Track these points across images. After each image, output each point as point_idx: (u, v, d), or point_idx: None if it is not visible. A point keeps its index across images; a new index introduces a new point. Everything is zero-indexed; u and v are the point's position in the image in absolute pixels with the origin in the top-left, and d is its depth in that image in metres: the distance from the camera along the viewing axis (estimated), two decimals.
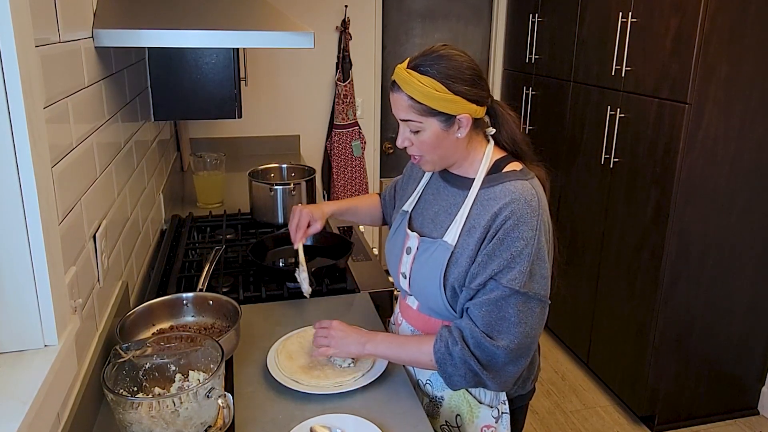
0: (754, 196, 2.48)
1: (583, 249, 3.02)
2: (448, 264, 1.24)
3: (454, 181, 1.32)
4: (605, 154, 2.78)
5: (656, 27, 2.44)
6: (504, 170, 1.25)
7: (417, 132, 1.22)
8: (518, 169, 1.25)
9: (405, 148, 1.28)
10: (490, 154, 1.28)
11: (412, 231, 1.35)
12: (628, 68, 2.61)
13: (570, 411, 2.85)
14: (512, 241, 1.16)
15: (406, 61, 1.21)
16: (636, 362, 2.68)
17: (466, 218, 1.24)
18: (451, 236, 1.25)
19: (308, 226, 1.55)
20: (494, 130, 1.30)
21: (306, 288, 1.56)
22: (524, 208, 1.17)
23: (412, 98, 1.18)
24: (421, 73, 1.17)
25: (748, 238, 2.53)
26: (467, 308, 1.22)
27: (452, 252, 1.24)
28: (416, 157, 1.28)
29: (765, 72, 2.32)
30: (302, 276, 1.56)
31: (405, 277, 1.36)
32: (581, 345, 3.13)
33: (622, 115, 2.66)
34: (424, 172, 1.44)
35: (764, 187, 2.48)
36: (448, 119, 1.19)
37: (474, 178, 1.27)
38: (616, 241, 2.76)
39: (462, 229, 1.24)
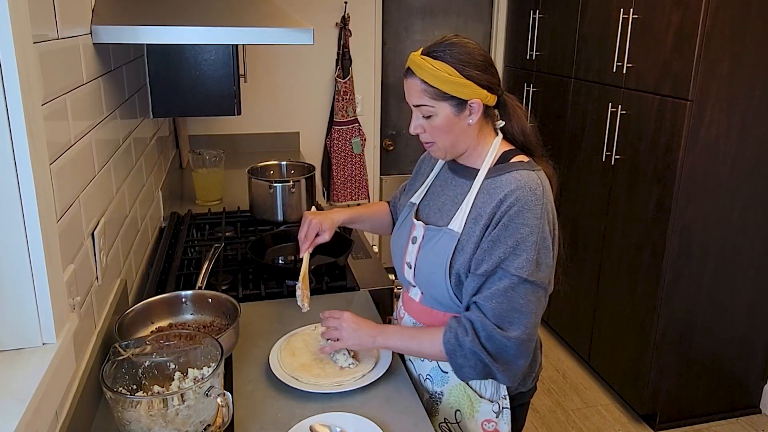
0: (756, 194, 2.47)
1: (584, 247, 3.02)
2: (454, 251, 1.25)
3: (461, 171, 1.34)
4: (606, 151, 2.77)
5: (657, 23, 2.43)
6: (511, 161, 1.28)
7: (429, 117, 1.24)
8: (525, 161, 1.28)
9: (417, 135, 1.30)
10: (497, 145, 1.30)
11: (419, 221, 1.37)
12: (630, 65, 2.60)
13: (571, 409, 2.85)
14: (516, 228, 1.18)
15: (420, 50, 1.24)
16: (637, 360, 2.68)
17: (472, 206, 1.26)
18: (457, 224, 1.26)
19: (316, 235, 1.52)
20: (503, 123, 1.32)
21: (302, 305, 1.45)
22: (528, 195, 1.19)
23: (425, 82, 1.21)
24: (434, 58, 1.20)
25: (750, 236, 2.52)
26: (475, 302, 1.22)
27: (458, 239, 1.25)
28: (428, 143, 1.30)
29: (767, 68, 2.31)
30: (300, 292, 1.46)
31: (410, 267, 1.36)
32: (582, 343, 3.13)
33: (624, 112, 2.65)
34: (433, 167, 1.46)
35: (766, 185, 2.47)
36: (460, 104, 1.22)
37: (480, 169, 1.29)
38: (618, 239, 2.76)
39: (468, 217, 1.25)
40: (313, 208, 1.54)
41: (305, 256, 1.50)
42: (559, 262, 1.28)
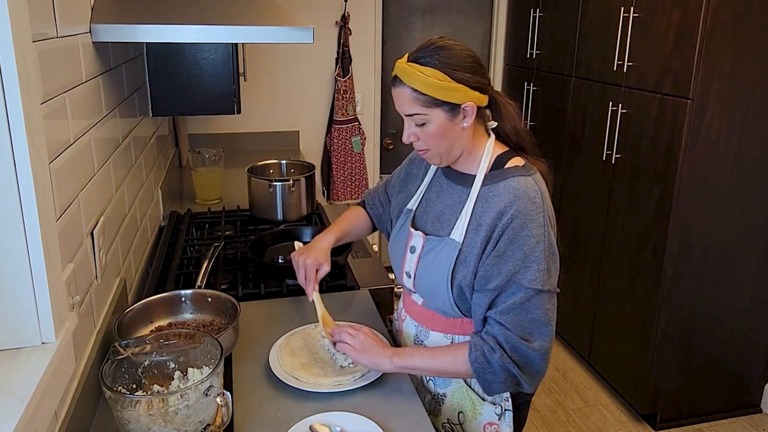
0: (757, 192, 2.47)
1: (585, 246, 3.01)
2: (456, 262, 1.23)
3: (457, 178, 1.31)
4: (607, 150, 2.77)
5: (658, 22, 2.43)
6: (506, 166, 1.25)
7: (423, 125, 1.20)
8: (520, 165, 1.25)
9: (411, 143, 1.26)
10: (491, 148, 1.27)
11: (416, 230, 1.34)
12: (630, 63, 2.59)
13: (571, 409, 2.85)
14: (523, 240, 1.16)
15: (405, 56, 1.21)
16: (638, 360, 2.68)
17: (471, 216, 1.23)
18: (458, 234, 1.24)
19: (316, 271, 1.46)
20: (495, 124, 1.29)
21: (341, 360, 1.36)
22: (529, 206, 1.17)
23: (415, 90, 1.16)
24: (422, 65, 1.16)
25: (751, 235, 2.52)
26: (492, 317, 1.20)
27: (460, 250, 1.23)
28: (422, 150, 1.27)
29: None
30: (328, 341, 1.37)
31: (409, 276, 1.35)
32: (583, 342, 3.13)
33: (624, 111, 2.65)
34: (427, 170, 1.43)
35: (767, 183, 2.47)
36: (453, 109, 1.18)
37: (476, 175, 1.26)
38: (618, 238, 2.75)
39: (468, 227, 1.23)
40: (299, 251, 1.50)
41: (315, 296, 1.45)
42: (561, 261, 1.27)
